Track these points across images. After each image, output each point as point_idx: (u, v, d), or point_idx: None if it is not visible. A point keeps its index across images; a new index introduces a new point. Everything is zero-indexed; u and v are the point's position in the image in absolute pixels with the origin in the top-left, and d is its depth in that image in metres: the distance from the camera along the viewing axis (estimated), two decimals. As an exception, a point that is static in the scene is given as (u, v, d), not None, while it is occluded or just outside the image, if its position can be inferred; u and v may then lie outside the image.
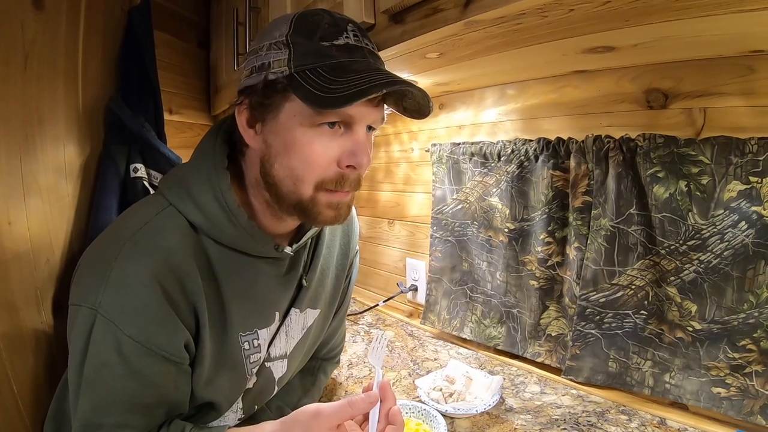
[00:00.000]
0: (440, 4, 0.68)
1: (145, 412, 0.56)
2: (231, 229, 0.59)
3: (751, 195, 0.73)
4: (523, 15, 0.62)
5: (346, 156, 0.56)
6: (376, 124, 0.60)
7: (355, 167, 0.57)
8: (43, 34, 0.82)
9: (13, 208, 0.77)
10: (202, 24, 1.45)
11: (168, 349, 0.56)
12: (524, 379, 0.99)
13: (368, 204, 1.57)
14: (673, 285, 0.82)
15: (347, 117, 0.55)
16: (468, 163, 1.14)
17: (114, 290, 0.53)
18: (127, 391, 0.54)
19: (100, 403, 0.53)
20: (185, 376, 0.60)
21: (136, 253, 0.54)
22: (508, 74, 1.03)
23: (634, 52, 0.79)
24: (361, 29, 0.59)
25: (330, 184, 0.57)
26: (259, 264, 0.65)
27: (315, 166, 0.56)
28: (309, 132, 0.55)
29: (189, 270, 0.57)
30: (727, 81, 0.76)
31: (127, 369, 0.54)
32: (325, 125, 0.55)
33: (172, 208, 0.58)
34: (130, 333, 0.53)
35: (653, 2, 0.56)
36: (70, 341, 0.56)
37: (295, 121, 0.55)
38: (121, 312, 0.53)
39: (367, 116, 0.57)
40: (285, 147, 0.56)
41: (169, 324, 0.56)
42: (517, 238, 1.05)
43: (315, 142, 0.55)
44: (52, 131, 0.84)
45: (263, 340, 0.68)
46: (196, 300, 0.58)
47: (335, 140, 0.56)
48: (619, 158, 0.84)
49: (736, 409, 0.76)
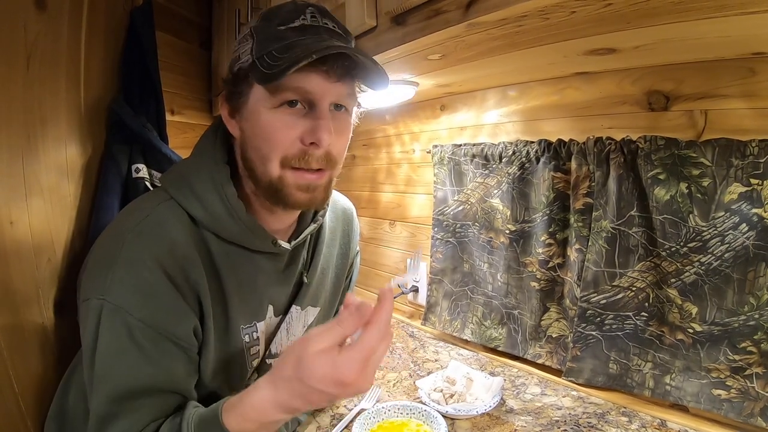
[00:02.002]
0: (442, 6, 0.68)
1: (160, 397, 0.56)
2: (230, 223, 0.61)
3: (751, 197, 0.73)
4: (525, 17, 0.62)
5: (307, 133, 0.57)
6: (341, 100, 0.60)
7: (316, 144, 0.57)
8: (46, 34, 0.82)
9: (15, 207, 0.77)
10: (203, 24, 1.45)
11: (177, 334, 0.57)
12: (525, 381, 0.99)
13: (369, 205, 1.57)
14: (674, 287, 0.82)
15: (305, 94, 0.56)
16: (469, 165, 1.15)
17: (120, 277, 0.54)
18: (142, 376, 0.54)
19: (115, 392, 0.53)
20: (193, 364, 0.61)
21: (140, 241, 0.55)
22: (510, 76, 1.04)
23: (635, 54, 0.79)
24: (322, 11, 0.59)
25: (294, 160, 0.58)
26: (258, 259, 0.66)
27: (278, 143, 0.57)
28: (271, 113, 0.57)
29: (192, 260, 0.58)
30: (728, 83, 0.77)
31: (141, 353, 0.54)
32: (286, 105, 0.57)
33: (173, 202, 0.60)
34: (141, 317, 0.54)
35: (655, 4, 0.57)
36: (83, 338, 0.56)
37: (259, 105, 0.58)
38: (129, 297, 0.54)
39: (326, 92, 0.57)
40: (253, 130, 0.59)
41: (178, 309, 0.57)
42: (518, 239, 1.05)
43: (277, 122, 0.57)
44: (54, 131, 0.85)
45: (261, 332, 0.70)
46: (200, 290, 0.59)
47: (298, 119, 0.57)
48: (620, 160, 0.85)
49: (737, 411, 0.76)
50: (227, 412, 0.52)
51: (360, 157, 1.60)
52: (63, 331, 0.84)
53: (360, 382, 0.46)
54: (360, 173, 1.60)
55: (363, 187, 1.59)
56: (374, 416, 0.81)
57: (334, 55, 0.54)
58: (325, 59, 0.54)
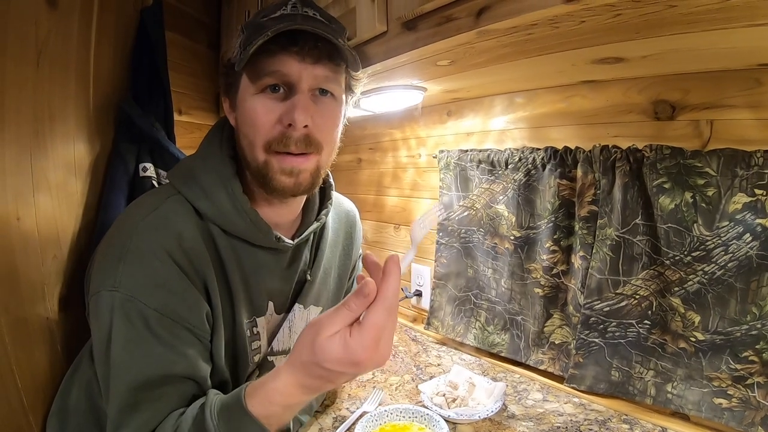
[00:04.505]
0: (453, 13, 0.68)
1: (179, 386, 0.56)
2: (235, 217, 0.62)
3: (756, 207, 0.73)
4: (535, 25, 0.63)
5: (284, 115, 0.58)
6: (322, 84, 0.60)
7: (292, 125, 0.58)
8: (56, 32, 0.83)
9: (22, 204, 0.77)
10: (212, 25, 1.46)
11: (192, 321, 0.57)
12: (527, 387, 0.99)
13: (375, 209, 1.57)
14: (677, 295, 0.82)
15: (283, 77, 0.58)
16: (475, 170, 1.15)
17: (131, 268, 0.54)
18: (161, 364, 0.55)
19: (135, 381, 0.53)
20: (206, 352, 0.61)
21: (149, 233, 0.56)
22: (517, 83, 1.04)
23: (642, 64, 0.80)
24: (306, 1, 0.61)
25: (276, 144, 0.59)
26: (261, 254, 0.67)
27: (260, 128, 0.59)
28: (255, 99, 0.59)
29: (199, 252, 0.59)
30: (734, 94, 0.77)
31: (158, 341, 0.54)
32: (268, 90, 0.59)
33: (180, 196, 0.61)
34: (155, 306, 0.54)
35: (663, 15, 0.57)
36: (94, 332, 0.57)
37: (245, 93, 0.60)
38: (142, 287, 0.54)
39: (303, 75, 0.58)
40: (242, 118, 0.62)
41: (190, 297, 0.58)
42: (523, 245, 1.06)
43: (258, 107, 0.59)
44: (62, 128, 0.85)
45: (261, 328, 0.70)
46: (208, 281, 0.60)
47: (278, 103, 0.59)
48: (626, 168, 0.85)
49: (738, 420, 0.76)
50: (250, 396, 0.51)
51: (366, 161, 1.60)
52: (67, 327, 0.84)
53: (376, 359, 0.46)
54: (366, 177, 1.61)
55: (369, 191, 1.59)
56: (376, 419, 0.81)
57: (305, 37, 0.56)
58: (295, 41, 0.56)
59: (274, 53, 0.56)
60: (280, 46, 0.56)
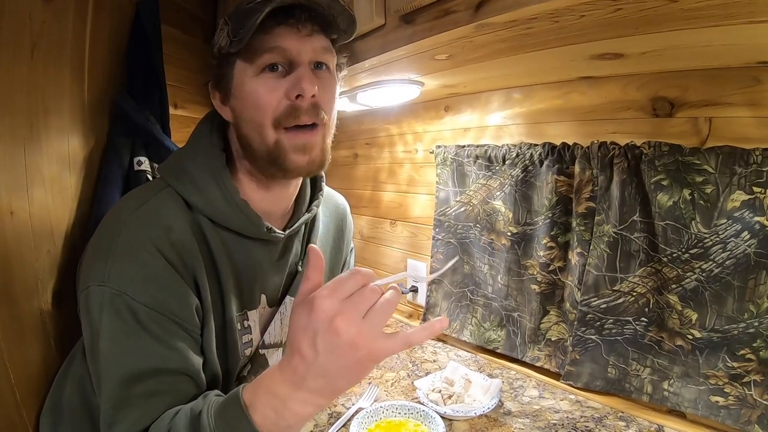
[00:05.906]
0: (451, 6, 0.68)
1: (171, 380, 0.55)
2: (226, 207, 0.61)
3: (754, 205, 0.73)
4: (535, 19, 0.62)
5: (291, 88, 0.58)
6: (320, 56, 0.60)
7: (301, 95, 0.58)
8: (51, 24, 0.81)
9: (16, 198, 0.76)
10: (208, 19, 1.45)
11: (181, 316, 0.57)
12: (523, 383, 0.99)
13: (371, 204, 1.57)
14: (675, 293, 0.82)
15: (282, 53, 0.58)
16: (472, 166, 1.15)
17: (120, 262, 0.54)
18: (152, 357, 0.54)
19: (126, 375, 0.53)
20: (197, 346, 0.61)
21: (137, 227, 0.56)
22: (515, 78, 1.04)
23: (641, 60, 0.80)
24: None
25: (285, 119, 0.58)
26: (252, 246, 0.66)
27: (266, 106, 0.58)
28: (255, 80, 0.58)
29: (189, 246, 0.59)
30: (733, 91, 0.77)
31: (149, 335, 0.54)
32: (267, 70, 0.58)
33: (171, 190, 0.61)
34: (144, 300, 0.54)
35: (663, 11, 0.57)
36: (85, 328, 0.56)
37: (243, 77, 0.59)
38: (130, 281, 0.54)
39: (302, 48, 0.58)
40: (244, 103, 0.60)
41: (179, 291, 0.57)
42: (520, 242, 1.05)
43: (260, 87, 0.58)
44: (57, 122, 0.84)
45: (253, 321, 0.70)
46: (197, 275, 0.60)
47: (280, 81, 0.58)
48: (624, 165, 0.85)
49: (734, 418, 0.76)
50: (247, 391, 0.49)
51: (362, 156, 1.59)
52: (61, 323, 0.83)
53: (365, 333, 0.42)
54: (362, 172, 1.60)
55: (365, 186, 1.59)
56: (372, 415, 0.81)
57: (299, 6, 0.56)
58: (291, 13, 0.56)
59: (270, 29, 0.56)
60: (276, 21, 0.56)
